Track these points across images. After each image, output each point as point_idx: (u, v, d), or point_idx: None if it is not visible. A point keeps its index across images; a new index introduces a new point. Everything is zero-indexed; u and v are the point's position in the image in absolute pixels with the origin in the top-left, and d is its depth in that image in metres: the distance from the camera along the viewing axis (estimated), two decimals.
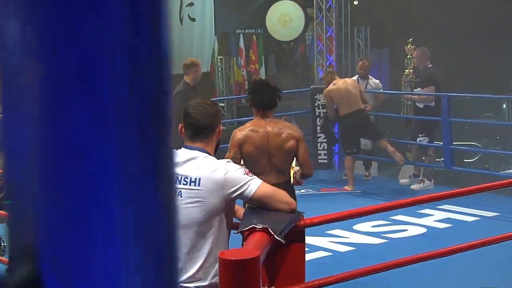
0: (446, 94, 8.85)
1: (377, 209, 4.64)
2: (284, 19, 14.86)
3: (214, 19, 15.13)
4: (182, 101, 7.87)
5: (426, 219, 7.86)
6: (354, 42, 16.37)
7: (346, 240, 7.20)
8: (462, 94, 10.28)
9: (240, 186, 3.13)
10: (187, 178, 3.19)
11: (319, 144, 9.82)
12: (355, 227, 7.53)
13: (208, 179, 3.16)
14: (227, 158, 4.53)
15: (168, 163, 0.83)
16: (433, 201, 5.77)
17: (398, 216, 7.85)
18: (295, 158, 5.03)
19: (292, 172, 5.14)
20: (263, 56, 15.78)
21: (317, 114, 9.80)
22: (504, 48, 14.24)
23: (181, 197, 3.18)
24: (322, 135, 9.79)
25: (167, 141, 0.83)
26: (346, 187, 9.01)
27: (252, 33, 15.64)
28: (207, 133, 3.27)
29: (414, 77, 9.23)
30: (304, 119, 10.75)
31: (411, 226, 7.60)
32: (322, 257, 6.69)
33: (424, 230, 7.42)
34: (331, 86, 8.77)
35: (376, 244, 7.03)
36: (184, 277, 3.18)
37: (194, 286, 3.14)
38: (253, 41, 15.58)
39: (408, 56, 9.49)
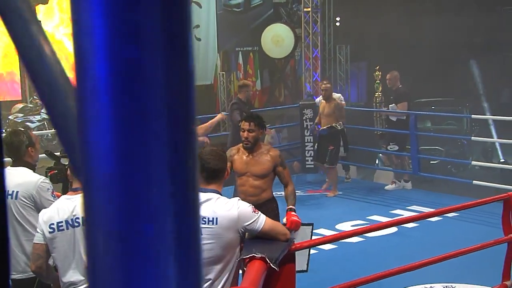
0: (414, 112, 8.90)
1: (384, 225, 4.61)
2: (277, 39, 14.80)
3: (217, 39, 15.18)
4: (236, 111, 8.00)
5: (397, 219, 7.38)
6: (336, 58, 16.47)
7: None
8: (428, 113, 10.60)
9: (252, 222, 3.14)
10: (205, 218, 3.15)
11: (306, 152, 9.71)
12: (337, 226, 7.54)
13: (224, 218, 3.13)
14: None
15: None
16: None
17: (373, 216, 7.89)
18: None
19: None
20: (258, 70, 15.82)
21: (305, 126, 9.69)
22: (463, 61, 14.43)
23: (201, 235, 3.03)
24: (310, 144, 9.63)
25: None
26: (330, 193, 8.78)
27: (250, 51, 15.64)
28: (220, 176, 3.28)
29: (382, 98, 9.36)
30: (294, 129, 10.79)
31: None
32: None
33: (395, 229, 7.20)
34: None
35: (355, 242, 6.83)
36: None
37: None
38: (250, 58, 15.61)
39: (376, 81, 9.64)
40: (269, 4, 16.20)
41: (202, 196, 3.16)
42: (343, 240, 6.60)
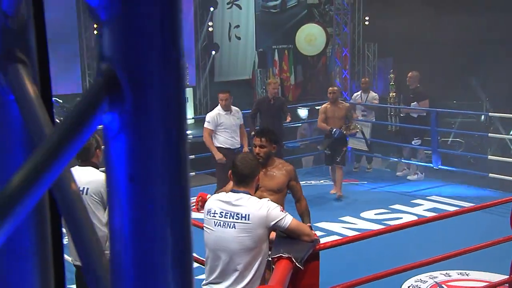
0: (435, 109, 8.81)
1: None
2: (310, 38, 14.78)
3: (255, 38, 15.20)
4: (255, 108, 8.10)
5: (417, 208, 7.66)
6: (365, 54, 16.40)
7: (354, 226, 7.02)
8: (449, 110, 10.28)
9: (279, 220, 3.16)
10: (238, 214, 3.20)
11: None
12: (362, 214, 7.42)
13: (255, 215, 3.17)
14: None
15: None
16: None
17: (396, 205, 7.77)
18: None
19: None
20: (292, 67, 15.84)
21: None
22: (482, 62, 14.18)
23: (235, 229, 3.19)
24: None
25: None
26: (334, 191, 8.15)
27: (285, 48, 15.67)
28: (247, 181, 3.30)
29: (396, 98, 9.37)
30: None
31: (405, 214, 7.38)
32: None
33: (415, 218, 7.11)
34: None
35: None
36: (240, 286, 3.21)
37: None
38: (285, 55, 15.65)
39: (391, 83, 9.63)
40: (303, 5, 16.16)
41: (234, 196, 3.24)
42: (364, 228, 6.84)
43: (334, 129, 7.76)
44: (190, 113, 13.97)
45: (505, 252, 4.87)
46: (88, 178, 3.85)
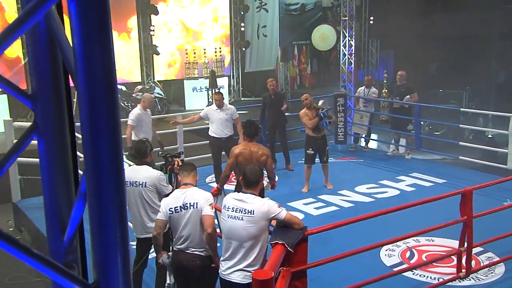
0: (419, 104, 8.77)
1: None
2: (323, 36, 14.82)
3: (279, 35, 15.26)
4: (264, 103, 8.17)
5: (400, 184, 7.50)
6: (369, 49, 16.38)
7: (349, 198, 6.92)
8: (429, 105, 9.94)
9: (277, 214, 3.28)
10: (246, 210, 3.28)
11: (338, 128, 9.46)
12: (356, 188, 7.27)
13: (259, 211, 3.27)
14: (229, 164, 4.98)
15: None
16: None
17: (383, 181, 7.62)
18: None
19: (265, 183, 4.64)
20: (309, 59, 15.96)
21: (337, 110, 9.42)
22: (466, 55, 14.04)
23: (243, 221, 3.28)
24: (341, 123, 9.35)
25: None
26: (329, 185, 7.32)
27: (303, 44, 15.76)
28: (254, 186, 3.42)
29: (388, 94, 9.27)
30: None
31: (390, 189, 7.28)
32: (333, 210, 6.51)
33: (397, 192, 7.15)
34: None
35: (367, 202, 6.79)
36: (245, 263, 3.31)
37: (251, 269, 3.24)
38: (303, 50, 15.75)
39: (384, 81, 9.64)
40: (319, 8, 16.11)
41: (244, 196, 3.37)
42: (357, 200, 6.84)
43: (321, 111, 7.02)
44: (225, 100, 14.16)
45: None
46: (145, 174, 4.08)
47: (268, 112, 8.18)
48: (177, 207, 3.59)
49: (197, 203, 3.56)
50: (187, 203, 3.57)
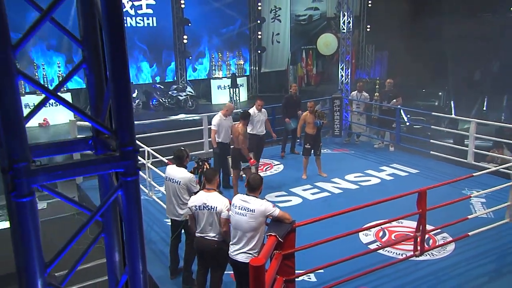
0: (401, 107, 8.79)
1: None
2: (326, 43, 14.86)
3: (290, 42, 15.23)
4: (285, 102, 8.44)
5: (382, 174, 7.45)
6: (365, 53, 16.36)
7: (339, 185, 6.96)
8: (408, 108, 9.74)
9: (271, 212, 3.41)
10: (248, 208, 3.42)
11: (335, 125, 9.57)
12: (346, 177, 7.29)
13: (258, 209, 3.41)
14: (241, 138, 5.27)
15: None
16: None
17: (368, 170, 7.64)
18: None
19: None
20: (315, 61, 15.97)
21: (334, 110, 9.53)
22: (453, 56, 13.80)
23: (246, 217, 3.42)
24: (337, 120, 9.45)
25: None
26: (323, 174, 7.41)
27: (309, 49, 15.70)
28: (255, 191, 3.54)
29: (379, 98, 9.12)
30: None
31: (373, 178, 7.28)
32: (325, 196, 6.57)
33: (379, 180, 7.15)
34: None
35: (353, 189, 6.82)
36: (247, 248, 3.45)
37: (253, 252, 3.40)
38: (310, 54, 15.73)
39: (376, 86, 9.60)
40: (324, 18, 16.03)
41: (247, 197, 3.51)
42: (346, 187, 6.84)
43: (316, 120, 7.20)
44: (244, 96, 14.34)
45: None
46: (181, 174, 4.37)
47: (288, 109, 8.53)
48: (200, 205, 3.81)
49: (216, 207, 3.77)
50: (208, 205, 3.77)
